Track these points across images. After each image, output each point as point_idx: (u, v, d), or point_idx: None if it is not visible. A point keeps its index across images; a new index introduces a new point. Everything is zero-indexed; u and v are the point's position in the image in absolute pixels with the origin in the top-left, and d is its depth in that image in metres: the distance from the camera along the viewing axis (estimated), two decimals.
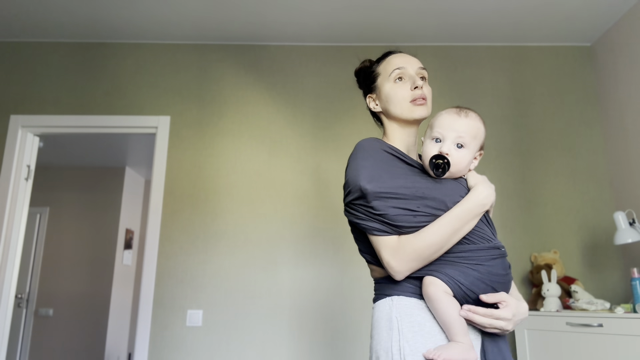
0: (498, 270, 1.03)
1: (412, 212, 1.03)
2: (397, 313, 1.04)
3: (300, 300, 2.76)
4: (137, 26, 3.00)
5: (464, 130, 1.08)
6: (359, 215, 1.09)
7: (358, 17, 2.92)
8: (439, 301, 1.00)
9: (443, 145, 1.07)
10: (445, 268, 1.02)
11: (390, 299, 1.07)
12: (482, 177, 1.11)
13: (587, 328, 2.18)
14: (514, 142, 3.03)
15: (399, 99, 1.20)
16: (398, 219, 1.03)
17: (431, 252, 1.01)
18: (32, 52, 3.13)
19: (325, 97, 3.08)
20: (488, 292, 1.02)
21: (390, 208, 1.03)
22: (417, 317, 1.03)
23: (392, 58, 1.26)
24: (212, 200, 2.89)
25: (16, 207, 2.88)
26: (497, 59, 3.19)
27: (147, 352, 2.66)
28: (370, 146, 1.12)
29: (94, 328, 5.09)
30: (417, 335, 1.00)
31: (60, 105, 3.03)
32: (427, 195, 1.04)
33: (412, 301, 1.05)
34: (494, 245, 1.05)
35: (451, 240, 1.02)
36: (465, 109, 1.12)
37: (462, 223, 1.02)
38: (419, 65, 1.23)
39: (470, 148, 1.09)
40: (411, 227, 1.03)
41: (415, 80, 1.19)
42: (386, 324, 1.05)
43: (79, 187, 5.50)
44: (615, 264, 2.81)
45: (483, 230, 1.06)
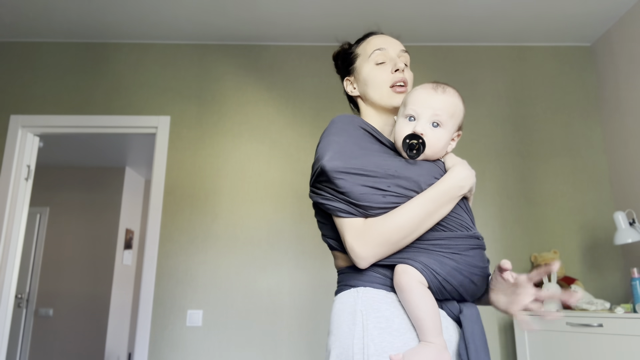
0: (477, 261, 0.93)
1: (381, 191, 0.92)
2: (362, 306, 0.92)
3: (299, 300, 2.76)
4: (137, 26, 3.00)
5: (440, 108, 0.97)
6: (324, 195, 0.97)
7: (358, 17, 2.92)
8: (411, 292, 0.88)
9: (417, 124, 0.96)
10: (419, 256, 0.91)
11: (355, 290, 0.95)
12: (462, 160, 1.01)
13: (587, 328, 2.18)
14: (514, 142, 3.03)
15: (379, 83, 1.10)
16: (364, 198, 0.91)
17: (400, 236, 0.90)
18: (32, 52, 3.13)
19: (325, 97, 3.08)
20: (465, 284, 0.92)
21: (357, 186, 0.91)
22: (385, 311, 0.90)
23: (373, 39, 1.16)
24: (212, 200, 2.89)
25: (16, 207, 2.88)
26: (497, 59, 3.19)
27: (147, 352, 2.66)
28: (344, 121, 1.02)
29: (94, 328, 5.09)
30: (384, 333, 0.88)
31: (60, 105, 3.03)
32: (399, 174, 0.93)
33: (380, 293, 0.93)
34: (473, 235, 0.95)
35: (423, 224, 0.91)
36: (442, 84, 1.01)
37: (437, 206, 0.91)
38: (400, 47, 1.14)
39: (448, 127, 0.99)
40: (379, 209, 0.92)
41: (396, 62, 1.10)
42: (348, 318, 0.93)
43: (79, 187, 5.51)
44: (615, 264, 2.81)
45: (461, 217, 0.96)
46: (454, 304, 0.94)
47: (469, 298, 0.95)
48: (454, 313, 0.93)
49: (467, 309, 0.93)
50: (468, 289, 0.93)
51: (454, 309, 0.93)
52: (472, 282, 0.93)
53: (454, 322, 0.94)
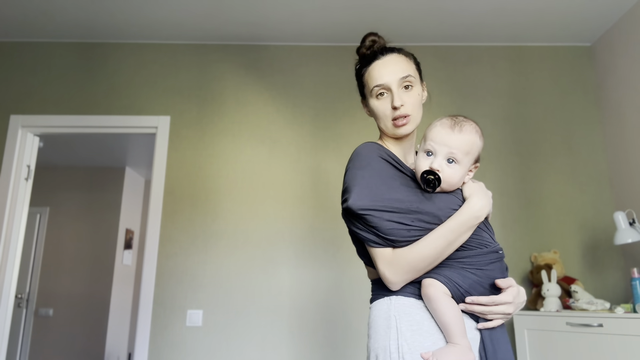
0: (496, 274, 1.05)
1: (406, 226, 1.03)
2: (396, 312, 1.05)
3: (299, 300, 2.76)
4: (137, 26, 3.00)
5: (456, 147, 1.06)
6: (355, 225, 1.08)
7: (358, 17, 2.92)
8: (438, 301, 1.00)
9: (434, 161, 1.05)
10: (444, 271, 1.03)
11: (389, 299, 1.08)
12: (479, 185, 1.10)
13: (587, 328, 2.18)
14: (514, 142, 3.03)
15: (382, 116, 1.18)
16: (391, 233, 1.03)
17: (425, 264, 1.03)
18: (32, 52, 3.13)
19: (325, 97, 3.08)
20: (486, 294, 1.03)
21: (384, 221, 1.03)
22: (416, 316, 1.03)
23: (374, 69, 1.19)
24: (212, 200, 2.89)
25: (16, 207, 2.88)
26: (497, 59, 3.19)
27: (147, 352, 2.66)
28: (368, 154, 1.11)
29: (94, 328, 5.09)
30: (416, 334, 1.01)
31: (60, 105, 3.03)
32: (420, 210, 1.04)
33: (410, 301, 1.05)
34: (493, 250, 1.06)
35: (445, 252, 1.03)
36: (460, 122, 1.08)
37: (456, 235, 1.02)
38: (401, 75, 1.16)
39: (463, 164, 1.07)
40: (404, 241, 1.04)
41: (394, 99, 1.14)
42: (384, 323, 1.05)
43: (79, 187, 5.50)
44: (615, 264, 2.81)
45: (481, 237, 1.07)
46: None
47: None
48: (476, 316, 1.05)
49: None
50: None
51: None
52: (492, 293, 1.04)
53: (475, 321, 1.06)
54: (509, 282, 1.04)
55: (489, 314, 1.03)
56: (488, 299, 1.02)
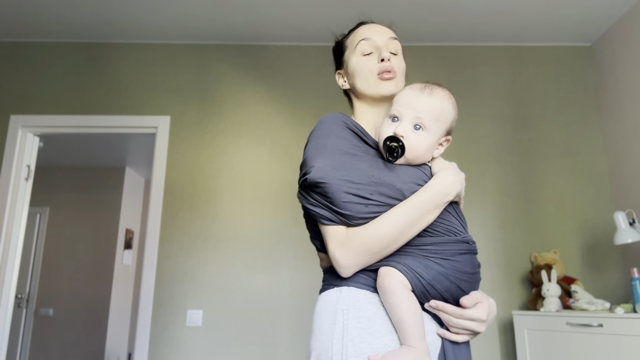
0: (465, 267, 0.91)
1: (364, 199, 0.90)
2: (344, 305, 0.90)
3: (300, 300, 2.76)
4: (137, 26, 3.00)
5: (424, 110, 0.93)
6: (309, 200, 0.96)
7: (358, 17, 2.91)
8: (393, 294, 0.86)
9: (399, 126, 0.92)
10: (405, 259, 0.89)
11: (339, 290, 0.93)
12: (451, 163, 0.97)
13: (587, 328, 2.18)
14: (514, 142, 3.03)
15: (365, 73, 1.06)
16: (346, 207, 0.90)
17: (383, 245, 0.88)
18: (32, 52, 3.13)
19: (325, 97, 3.08)
20: (452, 289, 0.89)
21: (340, 193, 0.90)
22: (367, 311, 0.89)
23: (361, 29, 1.13)
24: (212, 201, 2.89)
25: (16, 207, 2.88)
26: (497, 59, 3.19)
27: (147, 352, 2.66)
28: (332, 122, 1.00)
29: (94, 328, 5.09)
30: (365, 334, 0.86)
31: (60, 105, 3.03)
32: (381, 181, 0.90)
33: (363, 293, 0.91)
34: (462, 239, 0.92)
35: (407, 233, 0.89)
36: (431, 85, 0.97)
37: (420, 214, 0.89)
38: (389, 35, 1.10)
39: (432, 131, 0.94)
40: (361, 218, 0.90)
41: (382, 51, 1.06)
42: (329, 318, 0.91)
43: (79, 187, 5.50)
44: (615, 264, 2.81)
45: (450, 222, 0.93)
46: None
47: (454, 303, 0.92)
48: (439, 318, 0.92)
49: None
50: (454, 295, 0.90)
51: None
52: (459, 288, 0.90)
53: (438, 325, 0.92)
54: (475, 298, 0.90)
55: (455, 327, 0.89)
56: (454, 309, 0.88)
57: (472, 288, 0.93)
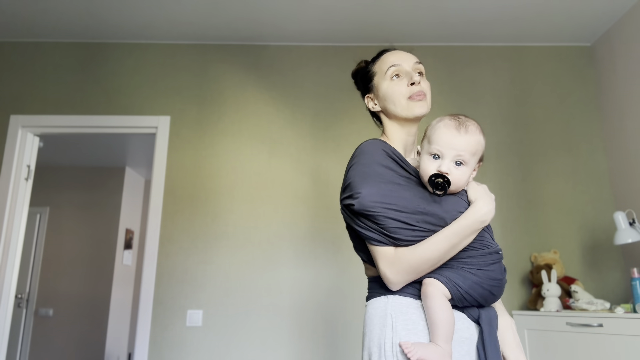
0: (496, 274, 1.05)
1: (411, 226, 1.02)
2: (392, 310, 1.04)
3: (300, 300, 2.76)
4: (137, 26, 3.00)
5: (463, 149, 1.04)
6: (358, 223, 1.07)
7: (358, 17, 2.92)
8: (433, 299, 1.00)
9: (442, 164, 1.04)
10: (445, 271, 1.03)
11: (386, 297, 1.07)
12: (483, 187, 1.09)
13: (587, 328, 2.18)
14: (514, 142, 3.03)
15: (397, 97, 1.17)
16: (396, 232, 1.02)
17: (427, 266, 1.02)
18: (32, 52, 3.13)
19: (325, 98, 3.08)
20: (485, 295, 1.04)
21: (389, 220, 1.02)
22: (412, 315, 1.03)
23: (387, 56, 1.24)
24: (212, 200, 2.89)
25: (16, 207, 2.88)
26: (497, 59, 3.19)
27: (147, 352, 2.66)
28: (373, 150, 1.10)
29: (94, 328, 5.09)
30: (411, 333, 1.00)
31: (60, 105, 3.03)
32: (427, 211, 1.03)
33: (408, 300, 1.05)
34: (494, 250, 1.06)
35: (448, 254, 1.02)
36: (464, 122, 1.07)
37: (460, 239, 1.02)
38: (414, 60, 1.21)
39: (470, 164, 1.06)
40: (408, 241, 1.03)
41: (412, 76, 1.17)
42: (380, 321, 1.05)
43: (79, 187, 5.50)
44: (615, 264, 2.81)
45: (483, 237, 1.07)
46: (474, 309, 1.07)
47: (486, 305, 1.08)
48: (474, 316, 1.06)
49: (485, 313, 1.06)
50: (487, 299, 1.06)
51: (474, 313, 1.06)
52: (491, 293, 1.05)
53: (474, 323, 1.07)
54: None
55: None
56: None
57: (500, 291, 1.08)
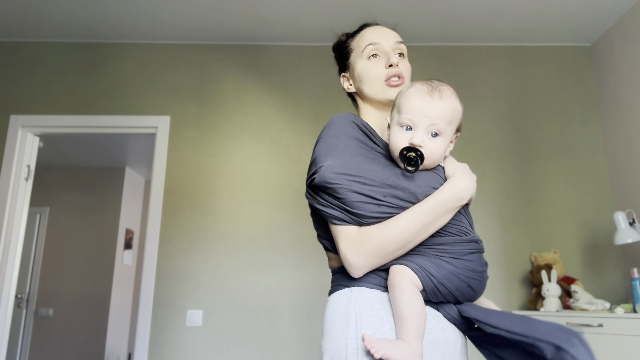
0: (475, 266, 0.91)
1: (377, 200, 0.89)
2: (356, 305, 0.90)
3: (300, 300, 2.76)
4: (137, 26, 3.00)
5: (438, 116, 0.91)
6: (319, 200, 0.95)
7: (358, 17, 2.91)
8: (401, 289, 0.86)
9: (415, 136, 0.90)
10: (416, 258, 0.89)
11: (350, 290, 0.93)
12: (463, 165, 0.97)
13: (587, 328, 2.18)
14: (514, 142, 3.03)
15: (372, 78, 1.06)
16: (358, 207, 0.89)
17: (395, 247, 0.88)
18: (32, 52, 3.13)
19: (325, 97, 3.08)
20: (462, 289, 0.90)
21: (352, 193, 0.89)
22: (379, 310, 0.89)
23: (366, 32, 1.11)
24: (212, 200, 2.89)
25: (16, 207, 2.88)
26: (497, 59, 3.19)
27: (147, 352, 2.66)
28: (342, 122, 0.99)
29: (94, 328, 5.09)
30: (378, 332, 0.86)
31: (60, 105, 3.03)
32: (396, 185, 0.90)
33: (374, 293, 0.91)
34: (472, 239, 0.93)
35: (420, 235, 0.88)
36: (437, 87, 0.93)
37: (434, 217, 0.88)
38: (396, 39, 1.09)
39: (446, 135, 0.93)
40: (372, 218, 0.89)
41: (390, 56, 1.05)
42: (342, 318, 0.91)
43: (79, 187, 5.50)
44: (615, 264, 2.81)
45: (461, 222, 0.94)
46: (452, 306, 0.92)
47: (464, 302, 0.93)
48: (452, 315, 0.92)
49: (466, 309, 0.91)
50: (465, 293, 0.91)
51: (451, 311, 0.92)
52: (469, 287, 0.91)
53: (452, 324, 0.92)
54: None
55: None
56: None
57: (481, 286, 0.93)
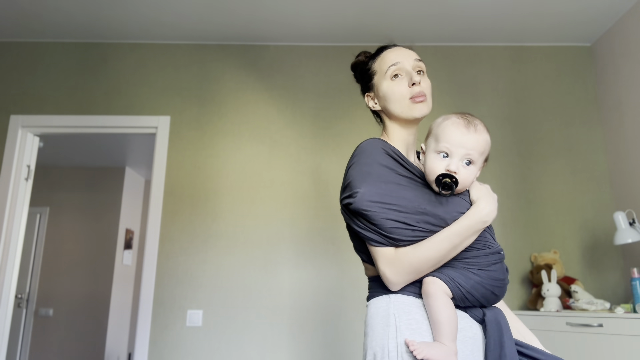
0: (498, 275, 1.03)
1: (410, 226, 1.00)
2: (395, 310, 1.02)
3: (300, 300, 2.76)
4: (137, 26, 3.00)
5: (473, 148, 1.02)
6: (357, 222, 1.05)
7: (358, 17, 2.91)
8: (435, 298, 0.98)
9: (451, 163, 1.01)
10: (446, 270, 1.01)
11: (388, 297, 1.05)
12: (485, 187, 1.07)
13: (587, 328, 2.18)
14: (514, 142, 3.03)
15: (398, 97, 1.14)
16: (394, 232, 1.00)
17: (428, 266, 1.00)
18: (32, 52, 3.13)
19: (325, 97, 3.08)
20: (487, 296, 1.02)
21: (388, 220, 1.00)
22: (415, 314, 1.01)
23: (387, 54, 1.20)
24: (212, 200, 2.89)
25: (16, 207, 2.88)
26: (497, 59, 3.19)
27: (147, 352, 2.66)
28: (373, 149, 1.08)
29: (94, 328, 5.09)
30: (415, 333, 0.98)
31: (60, 105, 3.03)
32: (427, 212, 1.01)
33: (410, 299, 1.03)
34: (495, 250, 1.04)
35: (449, 255, 1.00)
36: (472, 121, 1.05)
37: (461, 239, 0.99)
38: (414, 57, 1.18)
39: (478, 164, 1.04)
40: (407, 241, 1.01)
41: (412, 76, 1.14)
42: (382, 321, 1.02)
43: (79, 187, 5.50)
44: (615, 264, 2.81)
45: (484, 237, 1.05)
46: (478, 309, 1.05)
47: (488, 305, 1.06)
48: (478, 316, 1.04)
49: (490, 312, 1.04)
50: (489, 299, 1.04)
51: (477, 313, 1.05)
52: (493, 294, 1.03)
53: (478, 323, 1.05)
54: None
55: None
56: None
57: (502, 292, 1.06)
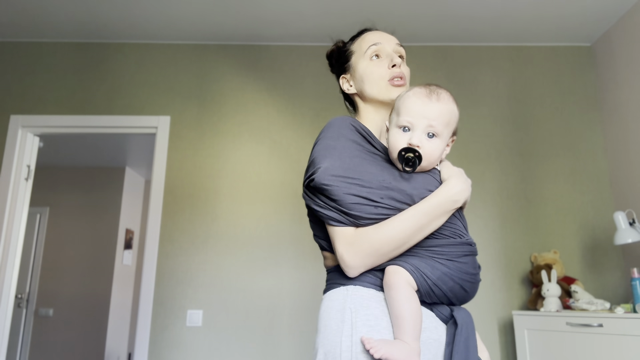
0: (468, 268, 0.94)
1: (373, 202, 0.91)
2: (352, 304, 0.92)
3: (300, 300, 2.76)
4: (137, 26, 3.00)
5: (436, 118, 0.93)
6: (316, 201, 0.97)
7: (358, 17, 2.91)
8: (397, 290, 0.88)
9: (413, 136, 0.93)
10: (412, 259, 0.91)
11: (345, 289, 0.95)
12: (458, 169, 0.99)
13: (587, 328, 2.18)
14: (514, 142, 3.03)
15: (376, 78, 1.09)
16: (354, 208, 0.91)
17: (390, 248, 0.90)
18: (32, 52, 3.13)
19: (325, 98, 3.08)
20: (456, 290, 0.93)
21: (349, 195, 0.91)
22: (375, 309, 0.90)
23: (368, 35, 1.15)
24: (212, 201, 2.89)
25: (16, 207, 2.88)
26: (497, 59, 3.19)
27: (147, 352, 2.66)
28: (341, 125, 1.01)
29: (94, 328, 5.09)
30: (373, 331, 0.88)
31: (60, 105, 3.03)
32: (392, 187, 0.92)
33: (369, 292, 0.93)
34: (466, 241, 0.95)
35: (415, 237, 0.91)
36: (435, 89, 0.97)
37: (429, 219, 0.91)
38: (395, 42, 1.14)
39: (443, 136, 0.96)
40: (369, 219, 0.91)
41: (392, 57, 1.09)
42: (337, 316, 0.92)
43: (79, 187, 5.50)
44: (615, 264, 2.81)
45: (455, 225, 0.96)
46: (445, 307, 0.95)
47: (457, 303, 0.96)
48: (445, 315, 0.94)
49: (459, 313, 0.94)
50: (458, 295, 0.94)
51: (444, 311, 0.95)
52: (462, 288, 0.93)
53: (444, 324, 0.95)
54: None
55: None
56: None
57: (473, 288, 0.96)
